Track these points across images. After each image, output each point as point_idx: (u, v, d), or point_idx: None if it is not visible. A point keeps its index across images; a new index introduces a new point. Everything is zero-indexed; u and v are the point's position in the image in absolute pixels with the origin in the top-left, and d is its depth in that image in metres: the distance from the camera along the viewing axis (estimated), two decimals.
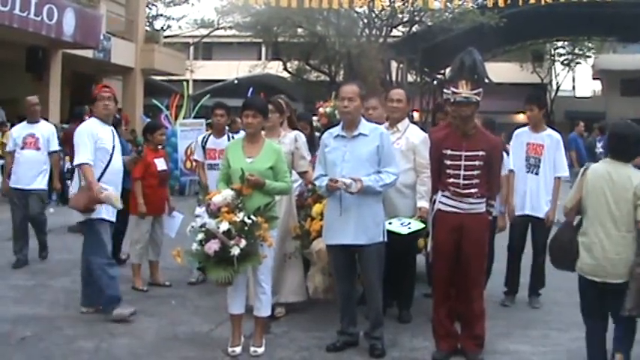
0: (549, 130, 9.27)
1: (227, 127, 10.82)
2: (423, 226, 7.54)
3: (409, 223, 7.53)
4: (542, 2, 22.64)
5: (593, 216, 6.16)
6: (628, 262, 5.95)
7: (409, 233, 7.48)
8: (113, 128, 8.38)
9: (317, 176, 7.21)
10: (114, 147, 8.14)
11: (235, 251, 6.43)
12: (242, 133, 8.46)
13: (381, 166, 6.93)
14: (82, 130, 8.08)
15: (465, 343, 7.05)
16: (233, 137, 9.77)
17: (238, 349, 6.92)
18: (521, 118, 10.58)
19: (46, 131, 11.06)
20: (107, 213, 8.02)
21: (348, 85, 7.18)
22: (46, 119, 9.86)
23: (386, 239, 7.09)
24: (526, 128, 9.32)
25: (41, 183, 11.01)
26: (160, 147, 10.24)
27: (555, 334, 7.95)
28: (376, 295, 7.09)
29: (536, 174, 9.05)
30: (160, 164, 9.85)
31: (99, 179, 7.83)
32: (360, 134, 6.99)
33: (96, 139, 7.95)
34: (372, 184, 6.78)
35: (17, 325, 7.53)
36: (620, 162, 6.26)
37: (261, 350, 6.95)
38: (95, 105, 8.30)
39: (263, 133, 7.42)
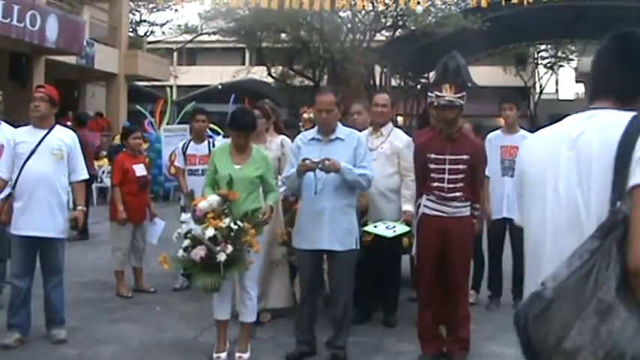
0: (522, 132, 9.29)
1: (218, 134, 10.77)
2: (408, 229, 7.54)
3: (394, 227, 7.53)
4: (525, 3, 22.66)
5: None
6: None
7: (394, 236, 7.48)
8: (64, 129, 7.84)
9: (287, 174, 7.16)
10: (33, 151, 7.33)
11: (221, 257, 6.38)
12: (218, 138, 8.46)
13: (355, 167, 6.88)
14: (8, 137, 7.74)
15: (451, 347, 7.07)
16: (214, 144, 9.76)
17: (223, 355, 6.90)
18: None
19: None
20: None
21: (324, 96, 7.05)
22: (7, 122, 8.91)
23: (358, 247, 7.02)
24: (499, 132, 9.34)
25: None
26: (143, 153, 10.20)
27: None
28: (342, 303, 6.97)
29: (512, 176, 9.04)
30: (139, 170, 9.81)
31: (13, 187, 7.39)
32: (337, 138, 6.95)
33: (14, 145, 7.40)
34: (348, 169, 6.69)
35: (1, 333, 7.46)
36: None
37: (246, 356, 6.94)
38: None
39: None
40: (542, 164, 2.79)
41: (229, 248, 6.42)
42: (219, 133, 17.07)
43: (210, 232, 6.44)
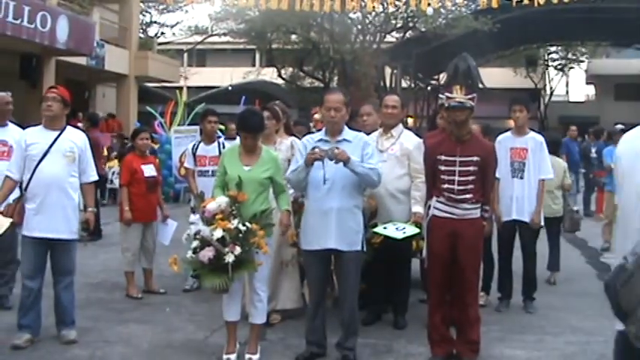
0: (532, 133, 9.26)
1: (222, 134, 10.79)
2: (418, 231, 7.53)
3: (404, 228, 7.52)
4: (535, 4, 22.63)
5: None
6: None
7: (404, 238, 7.47)
8: (75, 130, 7.84)
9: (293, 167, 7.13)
10: (46, 153, 7.33)
11: (229, 258, 6.39)
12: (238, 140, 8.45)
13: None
14: (17, 138, 7.74)
15: (461, 349, 7.05)
16: (224, 145, 9.76)
17: (233, 357, 6.89)
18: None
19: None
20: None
21: (333, 94, 7.09)
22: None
23: (364, 249, 7.05)
24: (508, 134, 9.30)
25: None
26: (152, 153, 10.20)
27: (550, 339, 7.95)
28: (350, 304, 6.99)
29: (521, 178, 9.02)
30: (148, 170, 9.82)
31: (25, 188, 7.39)
32: (344, 140, 6.94)
33: (26, 147, 7.38)
34: (357, 162, 6.70)
35: (11, 333, 7.49)
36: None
37: (256, 357, 6.93)
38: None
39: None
40: (629, 156, 3.70)
41: (237, 249, 6.42)
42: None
43: (218, 233, 6.45)
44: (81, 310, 8.10)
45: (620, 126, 14.98)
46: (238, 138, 7.25)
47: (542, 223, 9.20)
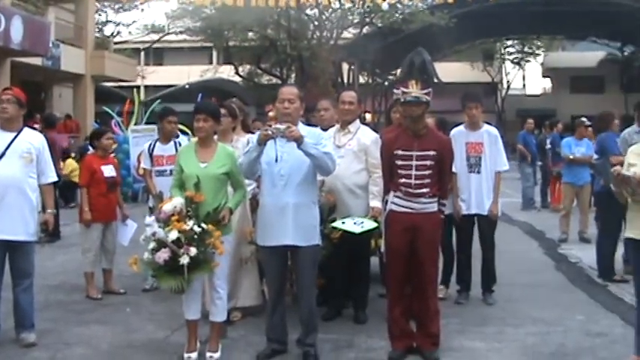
0: (486, 126, 9.29)
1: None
2: (376, 225, 7.57)
3: (362, 223, 7.56)
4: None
5: None
6: None
7: (362, 232, 7.49)
8: (32, 131, 7.76)
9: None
10: (2, 154, 7.27)
11: (185, 260, 6.36)
12: (182, 138, 8.40)
13: None
14: None
15: (421, 342, 7.07)
16: (180, 143, 9.73)
17: (194, 355, 6.87)
18: None
19: None
20: None
21: (287, 87, 7.11)
22: None
23: (321, 243, 7.06)
24: (461, 128, 9.29)
25: None
26: (111, 154, 10.15)
27: (510, 330, 8.00)
28: (309, 299, 6.97)
29: (478, 172, 9.05)
30: (108, 171, 9.77)
31: None
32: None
33: None
34: (311, 144, 6.60)
35: None
36: None
37: (217, 355, 6.92)
38: None
39: (215, 137, 7.37)
40: None
41: (193, 251, 6.39)
42: (187, 134, 16.97)
43: (173, 234, 6.41)
44: (40, 312, 8.03)
45: (585, 119, 15.05)
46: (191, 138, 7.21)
47: (500, 214, 9.28)
